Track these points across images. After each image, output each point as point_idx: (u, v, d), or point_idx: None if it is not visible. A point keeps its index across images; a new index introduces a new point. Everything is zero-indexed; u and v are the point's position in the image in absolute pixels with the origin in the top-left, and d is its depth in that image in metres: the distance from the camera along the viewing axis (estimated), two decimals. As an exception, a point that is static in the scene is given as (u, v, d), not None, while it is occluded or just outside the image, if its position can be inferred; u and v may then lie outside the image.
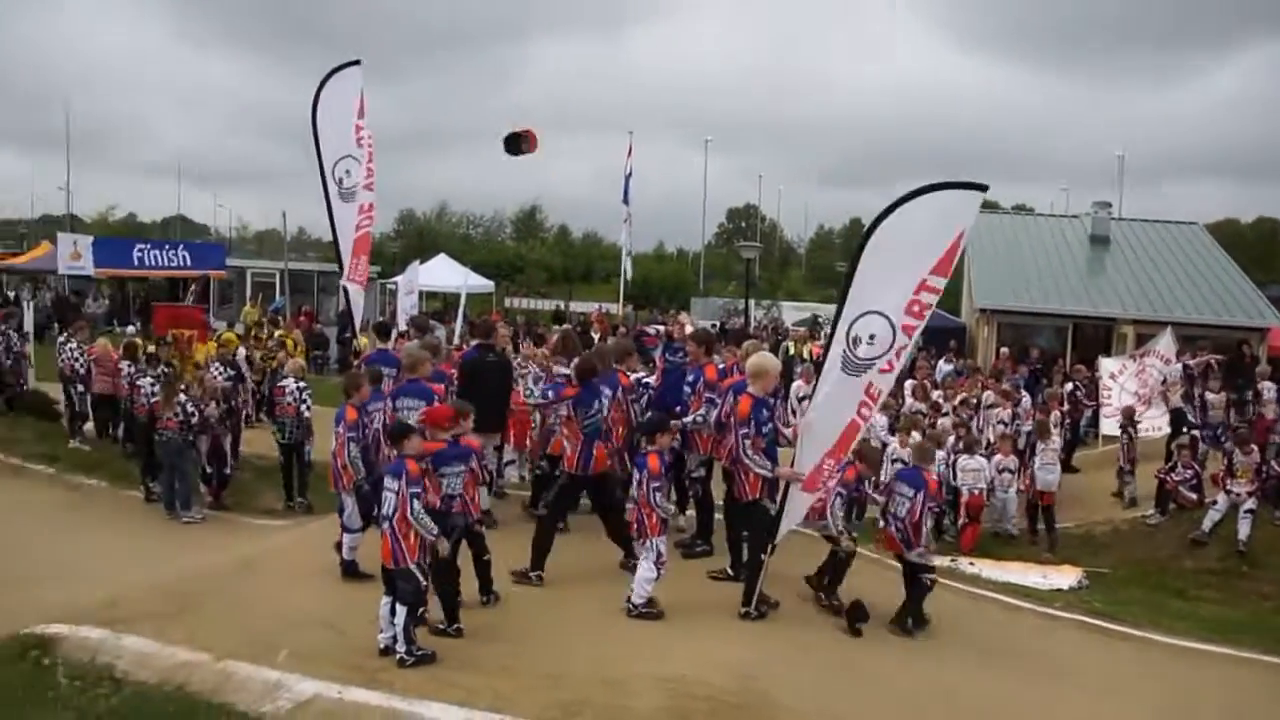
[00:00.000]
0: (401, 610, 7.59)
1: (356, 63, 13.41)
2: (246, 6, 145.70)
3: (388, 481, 7.79)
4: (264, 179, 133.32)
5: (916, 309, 8.45)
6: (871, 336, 8.54)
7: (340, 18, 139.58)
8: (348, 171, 13.61)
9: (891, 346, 8.54)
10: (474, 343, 12.41)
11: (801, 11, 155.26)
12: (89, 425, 16.54)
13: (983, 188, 8.31)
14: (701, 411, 10.61)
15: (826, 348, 9.05)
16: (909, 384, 18.23)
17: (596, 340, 16.35)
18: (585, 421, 10.02)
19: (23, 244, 69.37)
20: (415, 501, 7.64)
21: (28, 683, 7.17)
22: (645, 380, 12.14)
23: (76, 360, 16.23)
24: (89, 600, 8.62)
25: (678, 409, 10.70)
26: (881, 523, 10.15)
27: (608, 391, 10.17)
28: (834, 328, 8.87)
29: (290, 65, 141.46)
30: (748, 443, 9.11)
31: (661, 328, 14.35)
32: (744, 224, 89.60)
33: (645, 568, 8.90)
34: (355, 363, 13.43)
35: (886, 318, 8.47)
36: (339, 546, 9.81)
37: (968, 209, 8.38)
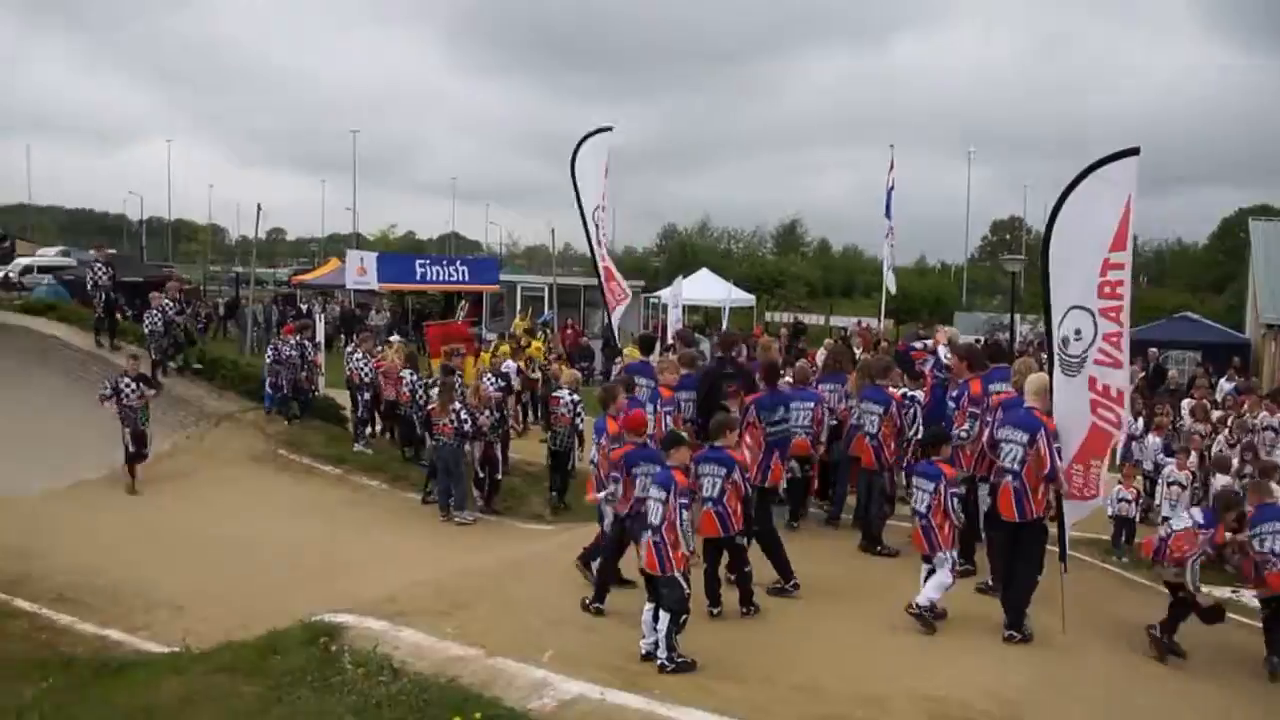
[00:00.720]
0: (665, 617, 7.67)
1: (609, 129, 14.04)
2: (515, 34, 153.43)
3: (654, 491, 7.93)
4: (532, 196, 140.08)
5: (1108, 290, 8.41)
6: (1078, 332, 8.55)
7: (602, 40, 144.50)
8: (600, 221, 14.39)
9: (1096, 336, 8.46)
10: (716, 355, 12.62)
11: (1066, 17, 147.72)
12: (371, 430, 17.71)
13: (1134, 151, 8.18)
14: (966, 427, 10.26)
15: (1050, 356, 8.95)
16: (1186, 403, 16.96)
17: (859, 355, 16.03)
18: (770, 429, 10.01)
19: (314, 261, 75.37)
20: (684, 512, 7.74)
21: (317, 667, 7.68)
22: (913, 395, 11.89)
23: (362, 369, 17.38)
24: (372, 593, 9.19)
25: (942, 424, 10.40)
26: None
27: (875, 407, 9.97)
28: (1047, 335, 8.89)
29: (555, 86, 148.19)
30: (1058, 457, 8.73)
31: (929, 342, 13.95)
32: (1008, 236, 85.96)
33: (943, 574, 8.84)
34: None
35: (1085, 309, 8.50)
36: (587, 556, 9.92)
37: (1128, 175, 8.25)
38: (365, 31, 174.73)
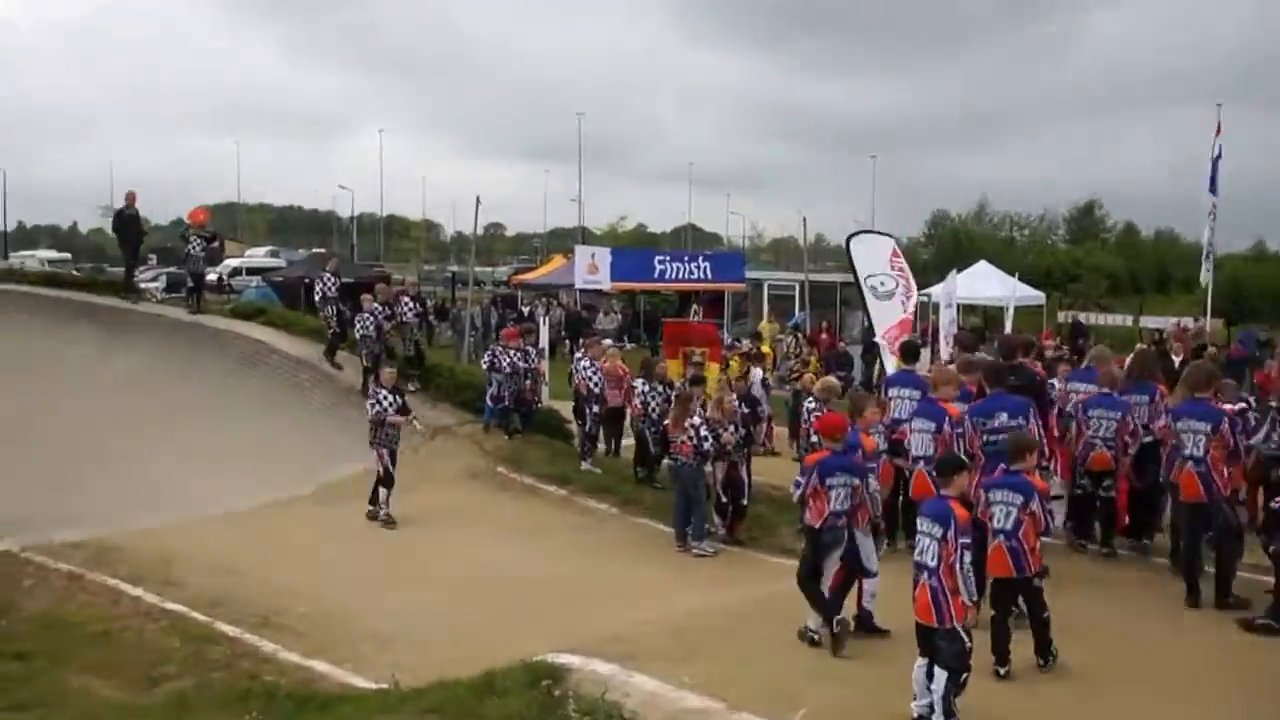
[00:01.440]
0: (941, 675, 7.39)
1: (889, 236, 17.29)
2: (755, 3, 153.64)
3: (925, 525, 7.71)
4: (777, 182, 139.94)
5: None
6: None
7: (852, 6, 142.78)
8: (881, 282, 17.25)
9: None
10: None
11: None
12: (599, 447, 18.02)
13: None
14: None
15: None
16: None
17: (1177, 363, 15.11)
18: (987, 437, 9.95)
19: (536, 258, 77.68)
20: (965, 553, 7.50)
21: (538, 713, 7.79)
22: (1247, 410, 11.21)
23: (591, 379, 17.59)
24: (599, 630, 9.28)
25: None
26: None
27: (1200, 425, 9.38)
28: None
29: (799, 59, 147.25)
30: None
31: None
32: (1382, 214, 79.61)
33: None
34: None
35: None
36: (834, 594, 9.74)
37: None
38: (589, 5, 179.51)
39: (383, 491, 15.25)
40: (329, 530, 14.84)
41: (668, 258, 29.88)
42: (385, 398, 15.43)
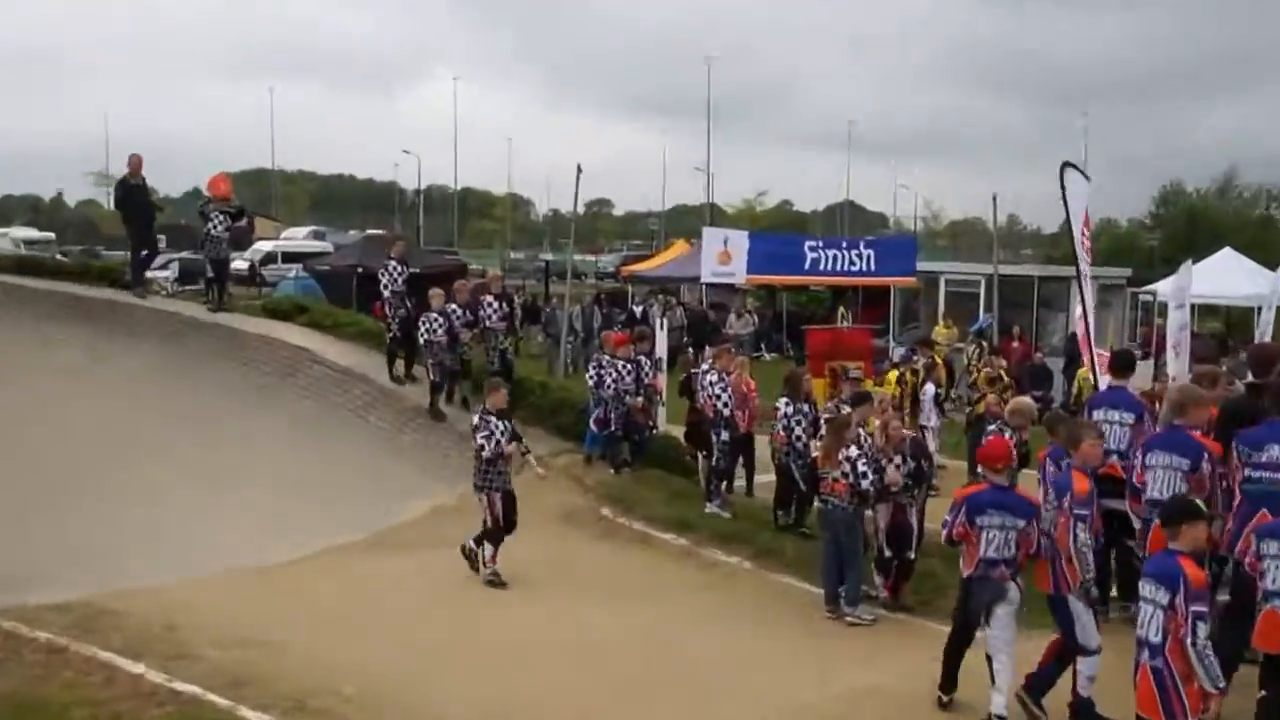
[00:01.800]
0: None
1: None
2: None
3: (1148, 589, 7.67)
4: (958, 147, 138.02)
5: None
6: None
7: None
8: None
9: None
10: (1246, 380, 12.16)
11: None
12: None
13: None
14: None
15: None
16: None
17: None
18: (1251, 473, 9.81)
19: (651, 244, 77.74)
20: (1200, 625, 7.41)
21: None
22: None
23: (720, 397, 17.44)
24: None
25: None
26: None
27: None
28: None
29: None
30: None
31: None
32: None
33: None
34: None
35: None
36: (1035, 682, 9.71)
37: None
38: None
39: (488, 547, 15.00)
40: (386, 588, 14.76)
41: (820, 244, 29.58)
42: (498, 426, 15.09)
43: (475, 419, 15.24)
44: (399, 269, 20.90)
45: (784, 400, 16.74)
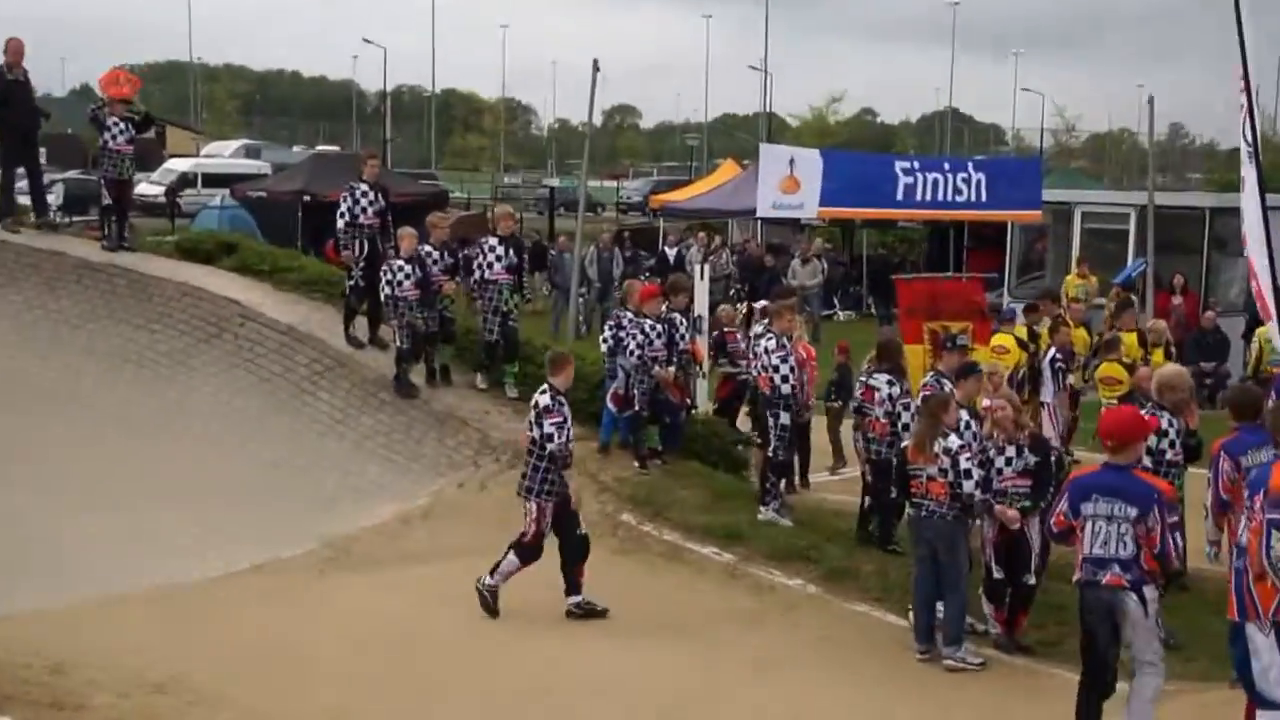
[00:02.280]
0: None
1: None
2: None
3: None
4: (1096, 39, 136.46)
5: None
6: None
7: None
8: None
9: None
10: None
11: None
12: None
13: None
14: None
15: None
16: None
17: None
18: None
19: (689, 168, 77.13)
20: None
21: None
22: None
23: (778, 370, 17.41)
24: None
25: None
26: None
27: None
28: None
29: None
30: None
31: None
32: None
33: None
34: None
35: None
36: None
37: None
38: None
39: (513, 558, 14.97)
40: (337, 616, 14.76)
41: (915, 166, 29.45)
42: (566, 410, 15.26)
43: (544, 399, 15.09)
44: (370, 195, 20.64)
45: (885, 378, 16.83)
